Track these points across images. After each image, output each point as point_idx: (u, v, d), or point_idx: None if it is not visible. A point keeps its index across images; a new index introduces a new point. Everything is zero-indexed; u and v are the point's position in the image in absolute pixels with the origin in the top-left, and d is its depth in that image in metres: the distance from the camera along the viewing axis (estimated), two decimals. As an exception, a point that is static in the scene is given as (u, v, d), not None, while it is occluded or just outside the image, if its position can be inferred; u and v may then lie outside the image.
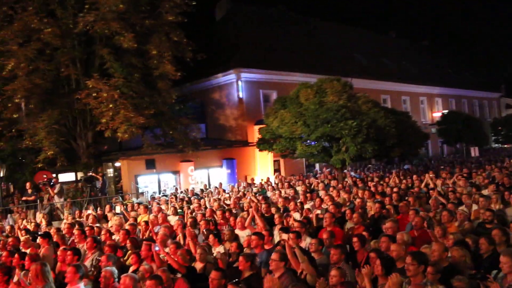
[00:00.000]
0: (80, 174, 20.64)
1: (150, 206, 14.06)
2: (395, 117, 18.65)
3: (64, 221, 12.79)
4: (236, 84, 27.21)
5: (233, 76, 27.26)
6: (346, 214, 9.07)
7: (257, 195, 14.50)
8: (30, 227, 11.32)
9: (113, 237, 9.06)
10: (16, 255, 7.29)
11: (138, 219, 11.13)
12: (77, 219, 12.45)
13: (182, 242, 8.25)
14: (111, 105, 17.39)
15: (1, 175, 20.22)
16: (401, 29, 74.02)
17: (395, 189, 12.54)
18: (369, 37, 44.44)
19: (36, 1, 17.87)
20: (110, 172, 23.08)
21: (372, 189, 13.09)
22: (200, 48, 21.04)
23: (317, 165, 28.48)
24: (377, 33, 48.89)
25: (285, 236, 7.12)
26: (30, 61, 17.39)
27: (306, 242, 7.27)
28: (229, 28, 31.41)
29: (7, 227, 11.99)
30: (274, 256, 5.69)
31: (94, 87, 17.51)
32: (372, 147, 16.60)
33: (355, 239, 6.69)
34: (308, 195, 12.63)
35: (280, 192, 15.05)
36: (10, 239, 9.44)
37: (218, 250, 7.74)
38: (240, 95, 27.14)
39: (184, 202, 14.61)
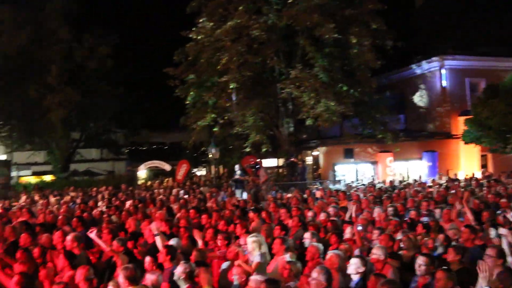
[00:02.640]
0: (281, 160, 23.16)
1: (348, 193, 15.02)
2: None
3: (266, 201, 14.70)
4: (439, 72, 26.33)
5: (435, 64, 26.45)
6: None
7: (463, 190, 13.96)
8: (239, 203, 13.39)
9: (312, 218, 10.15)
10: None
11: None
12: (280, 200, 14.21)
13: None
14: (312, 94, 19.07)
15: (217, 158, 24.22)
16: None
17: None
18: None
19: (245, 1, 20.73)
20: (308, 159, 25.11)
21: None
22: (400, 36, 21.07)
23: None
24: None
25: (503, 231, 6.89)
26: (240, 55, 20.31)
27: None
28: (431, 14, 30.12)
29: (220, 202, 14.44)
30: (490, 251, 5.48)
31: (297, 77, 19.45)
32: None
33: None
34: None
35: (490, 188, 14.16)
36: (225, 211, 11.30)
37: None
38: (443, 84, 26.18)
39: (383, 192, 15.09)
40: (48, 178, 32.72)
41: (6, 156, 33.02)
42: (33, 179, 33.83)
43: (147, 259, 5.84)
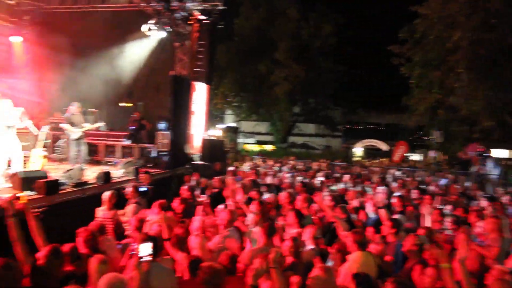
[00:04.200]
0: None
1: None
2: None
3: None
4: None
5: None
6: None
7: None
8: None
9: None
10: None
11: None
12: None
13: None
14: None
15: (440, 142, 23.83)
16: None
17: None
18: None
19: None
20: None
21: None
22: None
23: None
24: None
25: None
26: (474, 32, 19.46)
27: None
28: None
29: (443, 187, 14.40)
30: None
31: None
32: None
33: None
34: None
35: None
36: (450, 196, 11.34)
37: None
38: None
39: None
40: (268, 147, 37.21)
41: (236, 124, 38.72)
42: (255, 147, 38.93)
43: (369, 229, 6.20)
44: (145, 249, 3.52)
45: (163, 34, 14.26)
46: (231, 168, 13.87)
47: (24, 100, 14.22)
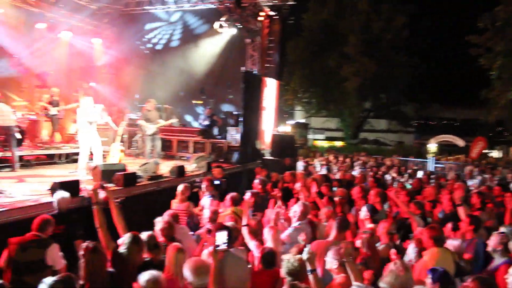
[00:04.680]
0: None
1: None
2: None
3: None
4: None
5: None
6: None
7: None
8: None
9: None
10: None
11: None
12: None
13: None
14: None
15: None
16: None
17: None
18: None
19: None
20: None
21: None
22: None
23: None
24: None
25: None
26: None
27: None
28: None
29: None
30: None
31: None
32: None
33: None
34: None
35: None
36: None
37: None
38: None
39: None
40: (338, 143, 36.68)
41: (305, 120, 38.52)
42: (325, 143, 38.54)
43: (447, 225, 5.95)
44: (221, 238, 3.55)
45: (234, 31, 14.44)
46: (301, 163, 13.81)
47: (104, 98, 15.10)
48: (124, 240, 3.76)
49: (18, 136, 9.80)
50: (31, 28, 14.03)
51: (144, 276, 3.17)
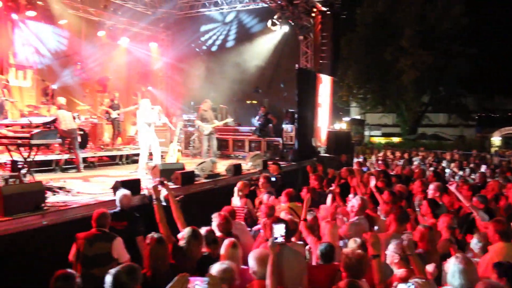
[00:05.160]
0: None
1: None
2: None
3: None
4: None
5: None
6: None
7: None
8: None
9: None
10: None
11: None
12: None
13: None
14: None
15: None
16: None
17: None
18: None
19: None
20: None
21: None
22: None
23: None
24: None
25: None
26: None
27: None
28: None
29: None
30: None
31: None
32: None
33: None
34: None
35: None
36: None
37: None
38: None
39: None
40: (396, 139, 35.68)
41: (361, 116, 37.80)
42: (382, 140, 37.60)
43: None
44: (279, 230, 3.56)
45: (286, 28, 14.37)
46: (358, 159, 13.55)
47: (161, 100, 15.52)
48: (184, 234, 3.82)
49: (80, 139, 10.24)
50: (92, 36, 14.64)
51: (217, 266, 3.21)
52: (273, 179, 7.75)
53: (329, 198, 6.23)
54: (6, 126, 6.71)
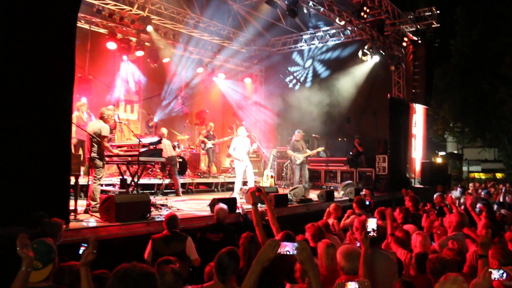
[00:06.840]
0: None
1: None
2: None
3: None
4: None
5: None
6: None
7: None
8: None
9: None
10: None
11: None
12: None
13: None
14: None
15: None
16: None
17: None
18: None
19: None
20: None
21: None
22: None
23: None
24: None
25: None
26: None
27: None
28: None
29: None
30: None
31: None
32: None
33: None
34: None
35: None
36: None
37: None
38: None
39: None
40: (498, 175, 33.02)
41: (458, 151, 35.61)
42: (482, 176, 34.92)
43: None
44: (371, 224, 3.56)
45: (377, 58, 14.23)
46: (458, 189, 12.81)
47: (254, 129, 15.97)
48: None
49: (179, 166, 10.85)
50: (192, 72, 15.62)
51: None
52: (367, 203, 7.56)
53: (423, 218, 5.98)
54: (117, 146, 7.29)
